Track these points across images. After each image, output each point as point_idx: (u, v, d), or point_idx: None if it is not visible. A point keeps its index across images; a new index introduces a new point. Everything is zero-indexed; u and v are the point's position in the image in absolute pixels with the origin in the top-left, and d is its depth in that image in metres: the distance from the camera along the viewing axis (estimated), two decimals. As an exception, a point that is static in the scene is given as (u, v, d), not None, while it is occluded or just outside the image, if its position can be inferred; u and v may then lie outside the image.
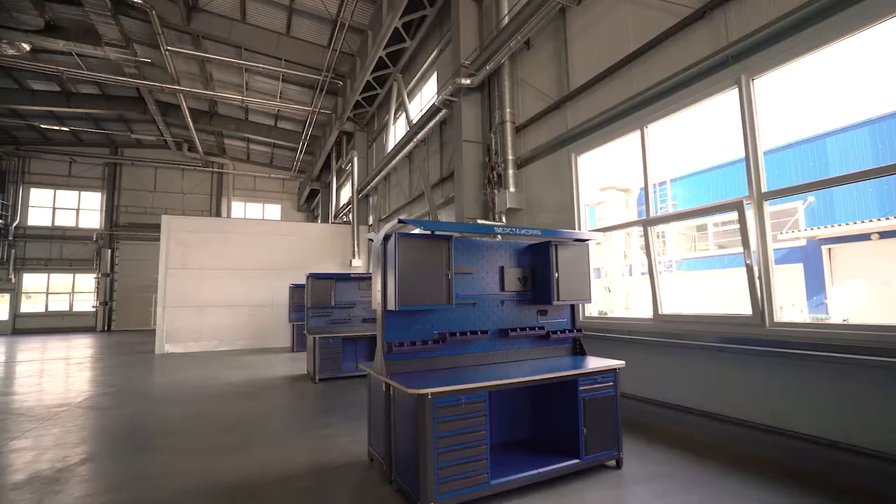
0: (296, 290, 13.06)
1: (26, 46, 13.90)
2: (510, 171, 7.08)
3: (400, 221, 3.45)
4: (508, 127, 7.17)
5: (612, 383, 3.68)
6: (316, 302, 8.79)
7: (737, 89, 4.14)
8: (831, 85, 10.31)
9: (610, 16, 5.66)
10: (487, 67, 7.22)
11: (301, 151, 22.27)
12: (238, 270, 14.44)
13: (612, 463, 3.72)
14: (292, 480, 3.67)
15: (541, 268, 4.08)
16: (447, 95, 7.97)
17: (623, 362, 3.79)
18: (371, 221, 16.06)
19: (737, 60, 4.12)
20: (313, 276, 8.79)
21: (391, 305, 3.39)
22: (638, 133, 5.23)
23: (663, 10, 4.88)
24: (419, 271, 3.39)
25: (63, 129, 21.72)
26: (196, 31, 14.28)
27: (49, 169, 23.69)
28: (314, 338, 8.20)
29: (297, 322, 12.94)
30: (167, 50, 14.23)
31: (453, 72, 8.30)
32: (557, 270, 3.95)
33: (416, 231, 3.57)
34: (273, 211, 28.25)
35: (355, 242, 16.02)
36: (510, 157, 7.09)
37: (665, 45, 4.87)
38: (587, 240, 4.21)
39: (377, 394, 3.71)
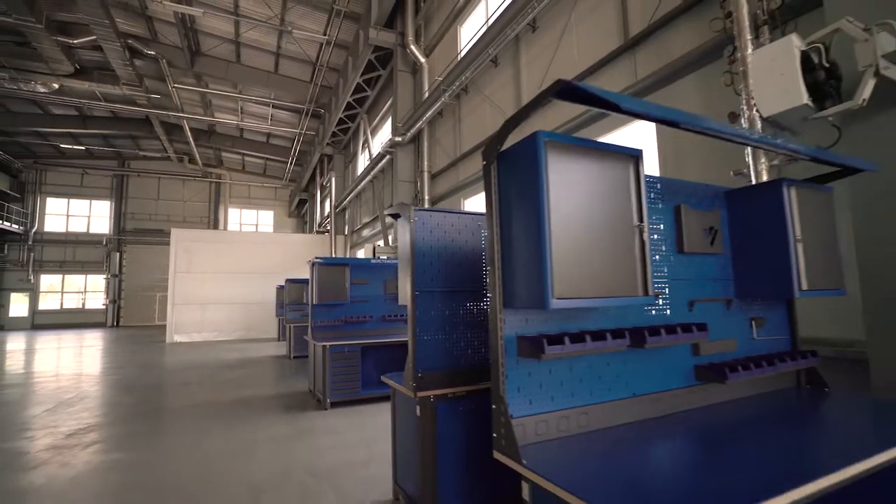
0: (281, 290, 15.78)
1: (56, 85, 16.62)
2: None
3: (316, 257, 6.29)
4: (426, 175, 10.00)
5: (442, 345, 6.50)
6: (292, 300, 11.61)
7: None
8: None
9: (480, 109, 8.48)
10: (412, 130, 10.03)
11: (291, 163, 24.91)
12: (235, 274, 17.29)
13: (443, 390, 6.55)
14: (266, 398, 6.56)
15: (410, 279, 6.90)
16: (387, 147, 10.77)
17: (452, 334, 6.62)
18: (347, 231, 18.88)
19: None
20: (289, 281, 11.61)
21: (315, 301, 6.22)
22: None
23: (504, 114, 7.69)
24: (330, 283, 6.22)
25: (78, 146, 24.41)
26: (198, 72, 16.99)
27: (63, 180, 26.35)
28: (290, 326, 11.03)
29: (282, 317, 15.67)
30: (174, 87, 17.02)
31: (392, 129, 11.11)
32: (417, 281, 6.78)
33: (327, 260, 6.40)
34: (266, 217, 30.69)
35: (332, 250, 18.84)
36: (426, 197, 9.92)
37: (501, 138, 7.68)
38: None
39: (310, 352, 6.55)
